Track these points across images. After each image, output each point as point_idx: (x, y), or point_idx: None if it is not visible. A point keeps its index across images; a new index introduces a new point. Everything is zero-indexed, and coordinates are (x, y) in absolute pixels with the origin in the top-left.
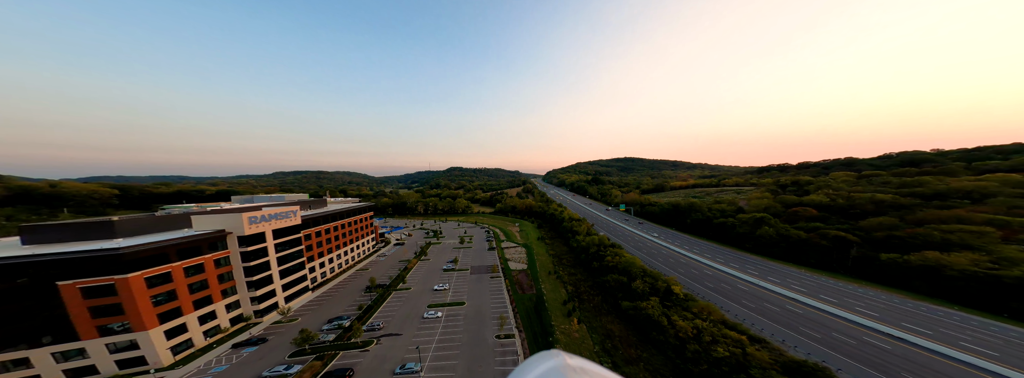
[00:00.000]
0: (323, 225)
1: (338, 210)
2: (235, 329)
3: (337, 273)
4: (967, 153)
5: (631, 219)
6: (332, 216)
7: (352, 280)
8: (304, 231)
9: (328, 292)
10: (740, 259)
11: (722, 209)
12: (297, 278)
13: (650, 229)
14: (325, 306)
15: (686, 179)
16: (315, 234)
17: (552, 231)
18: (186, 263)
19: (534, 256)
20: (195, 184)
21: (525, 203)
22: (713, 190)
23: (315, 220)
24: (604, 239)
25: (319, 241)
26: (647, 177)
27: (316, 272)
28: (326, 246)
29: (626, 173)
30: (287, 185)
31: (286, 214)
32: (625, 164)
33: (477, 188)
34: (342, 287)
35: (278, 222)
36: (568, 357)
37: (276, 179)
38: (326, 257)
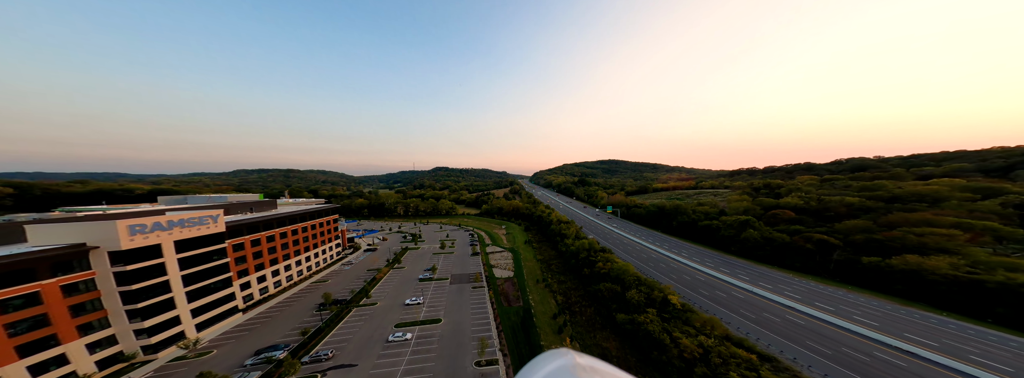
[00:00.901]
0: (264, 232)
1: (287, 213)
2: (108, 373)
3: (283, 288)
4: (905, 160)
5: (618, 221)
6: (278, 221)
7: (303, 296)
8: (232, 240)
9: (267, 313)
10: (729, 263)
11: (706, 211)
12: (218, 298)
13: (637, 231)
14: (257, 332)
15: (667, 181)
16: (252, 243)
17: (540, 234)
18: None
19: (521, 262)
20: (133, 182)
21: (512, 205)
22: (692, 192)
23: (251, 226)
24: (594, 243)
25: (258, 251)
26: (630, 179)
27: (252, 289)
28: (268, 256)
29: (610, 175)
30: (247, 184)
31: (199, 220)
32: (609, 166)
33: (463, 189)
34: (288, 305)
35: (185, 231)
36: (577, 356)
37: (236, 177)
38: (269, 269)
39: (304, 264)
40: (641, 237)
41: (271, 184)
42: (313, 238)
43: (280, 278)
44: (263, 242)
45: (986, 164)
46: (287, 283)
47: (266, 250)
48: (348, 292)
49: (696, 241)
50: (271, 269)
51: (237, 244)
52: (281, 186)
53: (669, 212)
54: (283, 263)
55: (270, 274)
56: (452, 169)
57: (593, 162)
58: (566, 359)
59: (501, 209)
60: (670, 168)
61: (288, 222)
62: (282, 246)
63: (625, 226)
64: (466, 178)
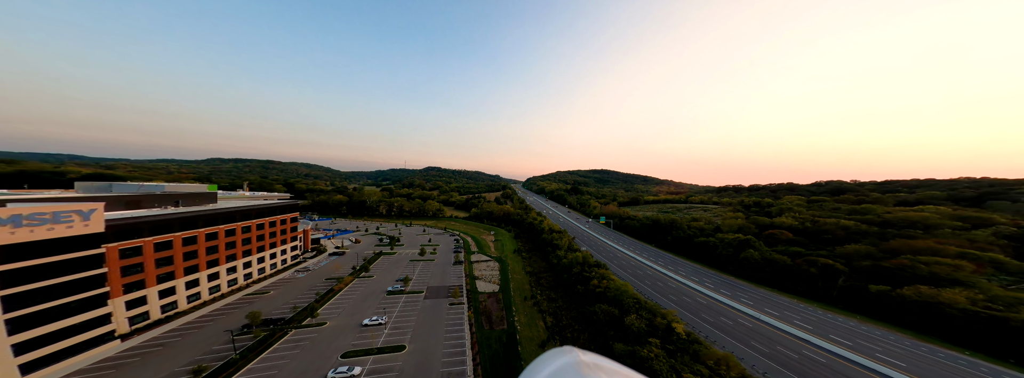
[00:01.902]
0: (180, 232)
1: (222, 210)
2: None
3: (201, 303)
4: (880, 185)
5: (611, 232)
6: (205, 218)
7: (228, 313)
8: (122, 243)
9: (163, 338)
10: (729, 284)
11: (700, 228)
12: (72, 325)
13: (630, 245)
14: (133, 369)
15: (658, 194)
16: (156, 246)
17: (530, 243)
18: None
19: (509, 274)
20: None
21: (503, 209)
22: (682, 206)
23: (160, 225)
24: (588, 256)
25: (166, 257)
26: (622, 189)
27: (149, 306)
28: (183, 263)
29: (602, 184)
30: (218, 174)
31: (54, 218)
32: (601, 176)
33: (454, 190)
34: (198, 327)
35: (21, 232)
36: (582, 353)
37: (208, 166)
38: (182, 279)
39: (240, 272)
40: (636, 251)
41: (245, 175)
42: (259, 240)
43: (200, 290)
44: (176, 245)
45: (956, 193)
46: (210, 296)
47: (180, 255)
48: (289, 309)
49: (692, 258)
50: (185, 279)
51: (130, 248)
52: (255, 177)
53: (664, 226)
54: (206, 271)
55: (183, 286)
56: (444, 169)
57: (586, 171)
58: (570, 357)
59: (491, 214)
60: (660, 181)
61: (221, 220)
62: (209, 250)
63: (619, 238)
64: (458, 179)
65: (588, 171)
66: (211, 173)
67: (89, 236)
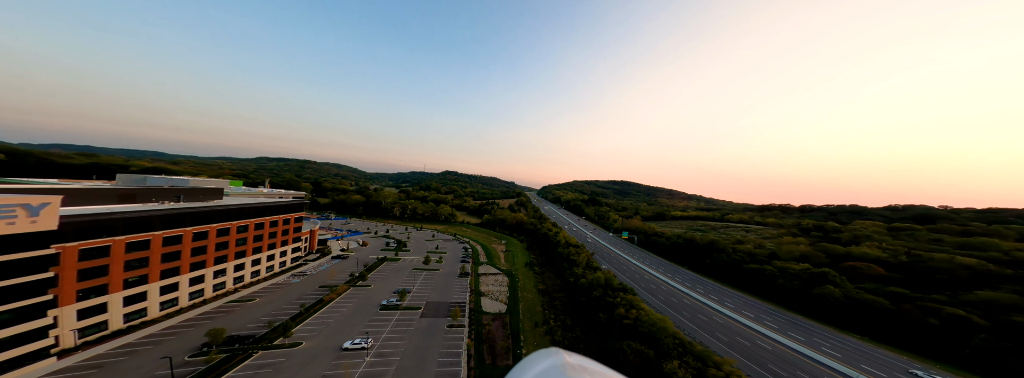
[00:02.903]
0: (160, 231)
1: (213, 207)
2: None
3: (175, 311)
4: (980, 214)
5: (635, 250)
6: (192, 216)
7: (197, 325)
8: (81, 243)
9: (107, 355)
10: (797, 325)
11: (749, 251)
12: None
13: (659, 265)
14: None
15: (685, 209)
16: (127, 247)
17: (544, 256)
18: None
19: (519, 291)
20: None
21: (516, 218)
22: (717, 225)
23: (131, 223)
24: (610, 277)
25: (139, 258)
26: (643, 203)
27: (107, 314)
28: (160, 265)
29: (622, 196)
30: (264, 171)
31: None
32: (622, 187)
33: (468, 195)
34: (156, 343)
35: None
36: (567, 355)
37: (256, 164)
38: (155, 284)
39: (230, 275)
40: (666, 274)
41: (284, 173)
42: (255, 240)
43: (178, 295)
44: (155, 245)
45: None
46: (189, 302)
47: (157, 256)
48: (264, 324)
49: (739, 287)
50: (162, 283)
51: (95, 249)
52: (290, 175)
53: (701, 247)
54: (189, 274)
55: (157, 291)
56: (461, 174)
57: (605, 181)
58: (556, 358)
59: (504, 221)
60: (687, 196)
61: (213, 218)
62: (195, 251)
63: (644, 257)
64: (473, 184)
65: (607, 182)
66: (256, 170)
67: (36, 235)
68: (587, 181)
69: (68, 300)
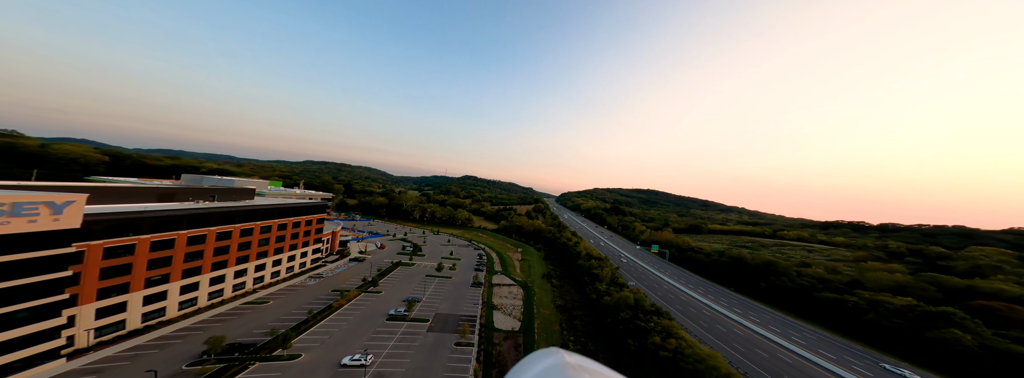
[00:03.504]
0: (185, 230)
1: (237, 207)
2: None
3: (193, 311)
4: None
5: (666, 265)
6: (218, 216)
7: (207, 328)
8: (106, 241)
9: (112, 358)
10: (898, 376)
11: (821, 276)
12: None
13: (698, 285)
14: None
15: (726, 222)
16: (152, 245)
17: (563, 268)
18: None
19: (534, 306)
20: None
21: (534, 225)
22: (769, 242)
23: (158, 222)
24: (640, 297)
25: (163, 257)
26: (673, 214)
27: (127, 314)
28: (183, 265)
29: (649, 206)
30: (309, 173)
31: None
32: (648, 196)
33: (486, 199)
34: (165, 345)
35: None
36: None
37: (303, 166)
38: (176, 283)
39: (251, 275)
40: (708, 296)
41: (323, 175)
42: (277, 241)
43: (198, 294)
44: (179, 244)
45: None
46: (208, 302)
47: (181, 255)
48: (265, 331)
49: (806, 317)
50: (182, 283)
51: (119, 246)
52: (328, 177)
53: (754, 267)
54: (210, 274)
55: (178, 290)
56: (479, 178)
57: (629, 189)
58: (556, 358)
59: (521, 228)
60: (726, 207)
61: (237, 218)
62: (218, 250)
63: (678, 274)
64: (491, 189)
65: (631, 190)
66: (301, 172)
67: (57, 233)
68: (609, 189)
69: (88, 298)
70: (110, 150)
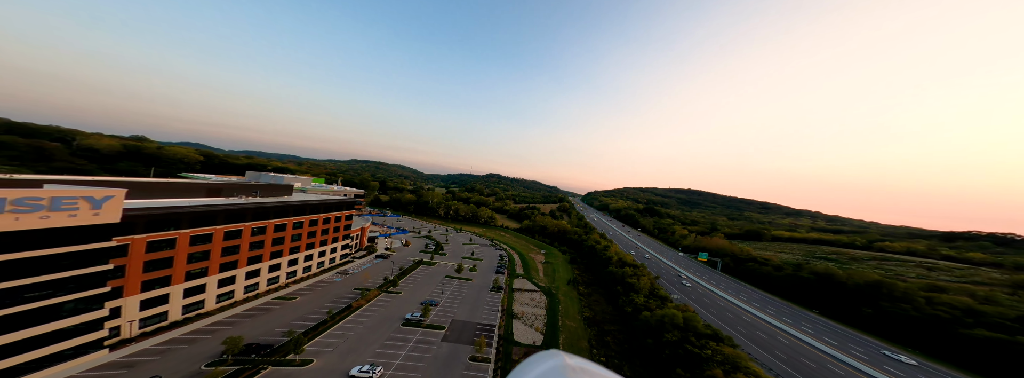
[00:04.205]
0: (222, 225)
1: (272, 202)
2: None
3: (229, 304)
4: None
5: (719, 277)
6: (254, 211)
7: (236, 323)
8: (148, 235)
9: (153, 351)
10: None
11: (969, 307)
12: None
13: (764, 302)
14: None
15: (795, 229)
16: (191, 240)
17: (590, 273)
18: None
19: (559, 317)
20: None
21: (559, 225)
22: (862, 254)
23: (197, 217)
24: (691, 316)
25: (201, 251)
26: (722, 217)
27: (169, 306)
28: (220, 259)
29: (690, 207)
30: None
31: (33, 205)
32: (688, 197)
33: (509, 198)
34: (193, 341)
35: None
36: (568, 357)
37: (348, 165)
38: (214, 276)
39: (284, 269)
40: (784, 319)
41: (363, 173)
42: (309, 236)
43: (235, 288)
44: (217, 239)
45: None
46: (244, 295)
47: (218, 250)
48: (281, 332)
49: (940, 357)
50: (220, 276)
51: (161, 240)
52: (368, 175)
53: (851, 287)
54: (245, 268)
55: (215, 284)
56: (503, 177)
57: (665, 189)
58: (556, 360)
59: (545, 228)
60: (794, 211)
61: (272, 214)
62: (253, 245)
63: (737, 290)
64: (515, 187)
65: (668, 190)
66: (346, 170)
67: (97, 227)
68: (642, 188)
69: (133, 290)
70: (206, 151)
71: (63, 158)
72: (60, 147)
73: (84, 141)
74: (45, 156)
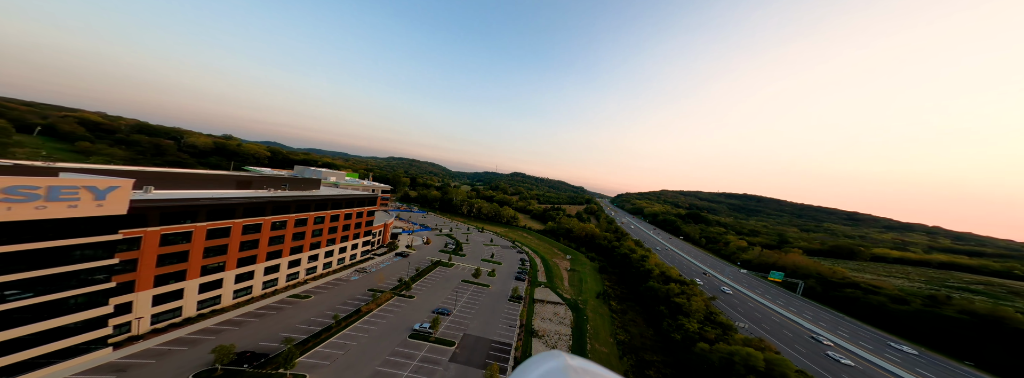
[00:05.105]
0: (241, 219)
1: (294, 196)
2: None
3: (246, 300)
4: None
5: (800, 302)
6: (275, 205)
7: (243, 323)
8: (163, 228)
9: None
10: None
11: None
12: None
13: (877, 342)
14: None
15: (905, 247)
16: (208, 233)
17: (624, 285)
18: None
19: (587, 339)
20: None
21: (586, 229)
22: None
23: (215, 210)
24: (777, 359)
25: (218, 245)
26: (791, 227)
27: (183, 301)
28: (238, 254)
29: (745, 215)
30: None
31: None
32: (743, 203)
33: (533, 197)
34: (197, 341)
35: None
36: (569, 358)
37: (386, 162)
38: (231, 272)
39: (304, 265)
40: (916, 370)
41: (397, 169)
42: (330, 232)
43: (251, 283)
44: (235, 233)
45: None
46: (262, 291)
47: (235, 245)
48: (280, 338)
49: None
50: (237, 272)
51: (175, 234)
52: (401, 172)
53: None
54: (264, 263)
55: (232, 279)
56: (528, 176)
57: (712, 193)
58: (558, 361)
59: (570, 231)
60: (898, 224)
61: (293, 208)
62: (271, 240)
63: (828, 320)
64: (539, 187)
65: (716, 194)
66: (383, 166)
67: (100, 219)
68: (682, 191)
69: (145, 285)
70: (274, 148)
71: (172, 153)
72: (172, 144)
73: (189, 139)
74: (161, 151)
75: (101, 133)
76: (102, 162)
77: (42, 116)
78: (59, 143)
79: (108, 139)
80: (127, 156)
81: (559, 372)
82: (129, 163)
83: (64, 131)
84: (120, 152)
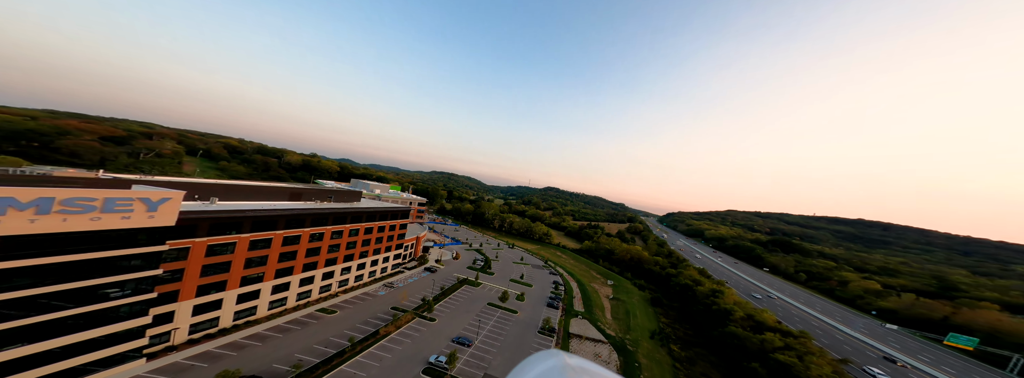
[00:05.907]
0: (282, 230)
1: (331, 208)
2: None
3: (280, 311)
4: None
5: None
6: (314, 217)
7: (268, 338)
8: (209, 239)
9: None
10: None
11: None
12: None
13: None
14: None
15: None
16: (251, 244)
17: (688, 323)
18: None
19: None
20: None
21: (631, 251)
22: None
23: (257, 220)
24: None
25: (255, 257)
26: (947, 266)
27: (221, 311)
28: (276, 265)
29: (864, 247)
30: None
31: (84, 205)
32: (856, 230)
33: (568, 213)
34: (220, 357)
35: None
36: (567, 356)
37: (429, 176)
38: (268, 283)
39: (337, 277)
40: None
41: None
42: (363, 244)
43: (286, 294)
44: (275, 244)
45: None
46: (295, 303)
47: (275, 256)
48: (293, 361)
49: None
50: (274, 283)
51: (221, 244)
52: (440, 185)
53: None
54: (300, 275)
55: (269, 290)
56: (562, 190)
57: (805, 217)
58: (557, 360)
59: (612, 253)
60: None
61: (330, 220)
62: (309, 252)
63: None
64: (574, 202)
65: (812, 218)
66: (426, 180)
67: (151, 230)
68: (759, 213)
69: (188, 295)
70: (344, 163)
71: (275, 169)
72: (275, 162)
73: (286, 157)
74: (267, 167)
75: (235, 154)
76: (226, 177)
77: (203, 143)
78: (210, 162)
79: (238, 159)
80: (247, 171)
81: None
82: (247, 178)
83: (215, 153)
84: (243, 169)
